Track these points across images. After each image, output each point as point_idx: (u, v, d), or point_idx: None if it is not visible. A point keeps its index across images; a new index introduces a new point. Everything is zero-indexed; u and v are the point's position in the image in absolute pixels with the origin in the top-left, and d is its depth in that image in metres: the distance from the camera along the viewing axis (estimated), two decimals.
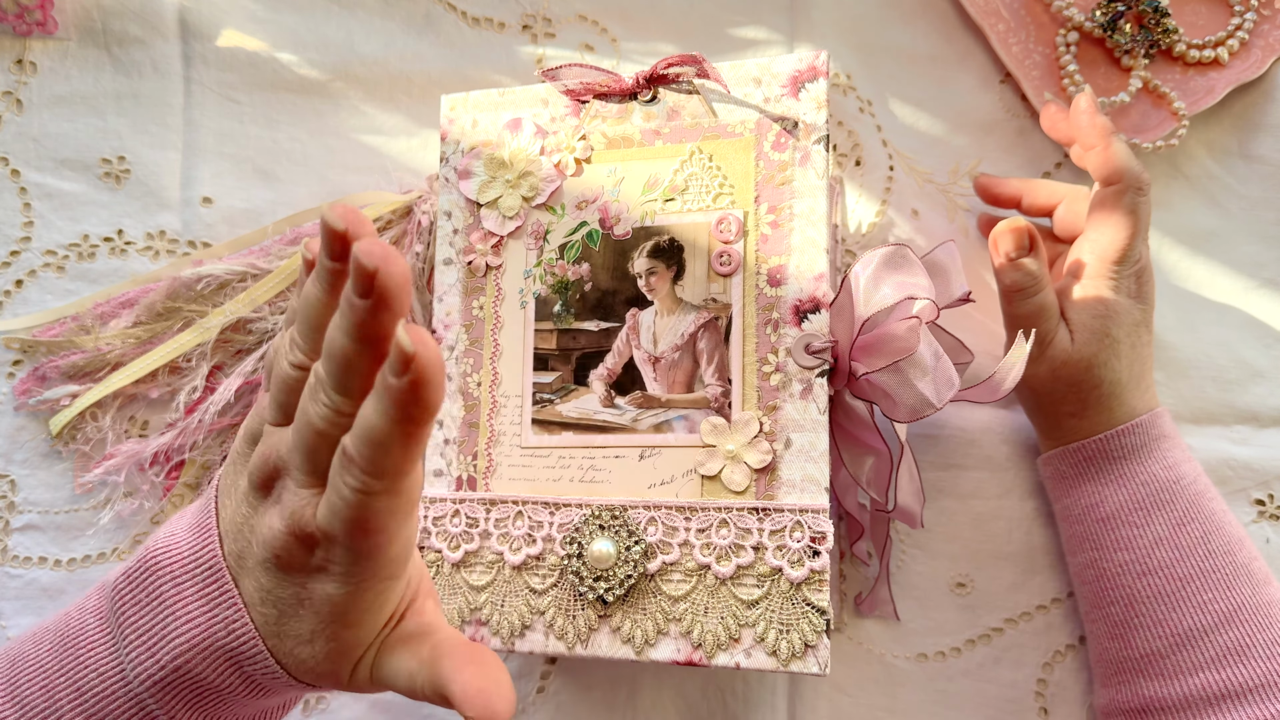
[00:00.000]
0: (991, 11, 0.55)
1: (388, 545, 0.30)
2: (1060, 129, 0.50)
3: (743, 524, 0.41)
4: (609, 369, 0.45)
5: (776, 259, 0.43)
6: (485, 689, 0.31)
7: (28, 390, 0.54)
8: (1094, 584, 0.47)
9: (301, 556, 0.31)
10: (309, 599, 0.32)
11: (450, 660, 0.32)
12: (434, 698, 0.32)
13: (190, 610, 0.33)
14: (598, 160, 0.46)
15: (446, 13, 0.58)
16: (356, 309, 0.27)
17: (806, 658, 0.39)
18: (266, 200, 0.57)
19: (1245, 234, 0.55)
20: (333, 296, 0.30)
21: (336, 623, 0.32)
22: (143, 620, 0.34)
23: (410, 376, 0.26)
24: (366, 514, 0.29)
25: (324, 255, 0.30)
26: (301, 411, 0.30)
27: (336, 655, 0.33)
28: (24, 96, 0.57)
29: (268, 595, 0.32)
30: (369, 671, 0.34)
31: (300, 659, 0.33)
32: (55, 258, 0.56)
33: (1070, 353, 0.46)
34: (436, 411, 0.28)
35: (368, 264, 0.26)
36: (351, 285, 0.27)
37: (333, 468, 0.29)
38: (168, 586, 0.33)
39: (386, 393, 0.27)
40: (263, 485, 0.32)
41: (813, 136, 0.43)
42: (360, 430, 0.28)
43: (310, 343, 0.31)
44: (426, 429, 0.28)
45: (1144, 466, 0.46)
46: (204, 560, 0.33)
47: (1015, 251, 0.46)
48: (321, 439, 0.30)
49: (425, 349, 0.26)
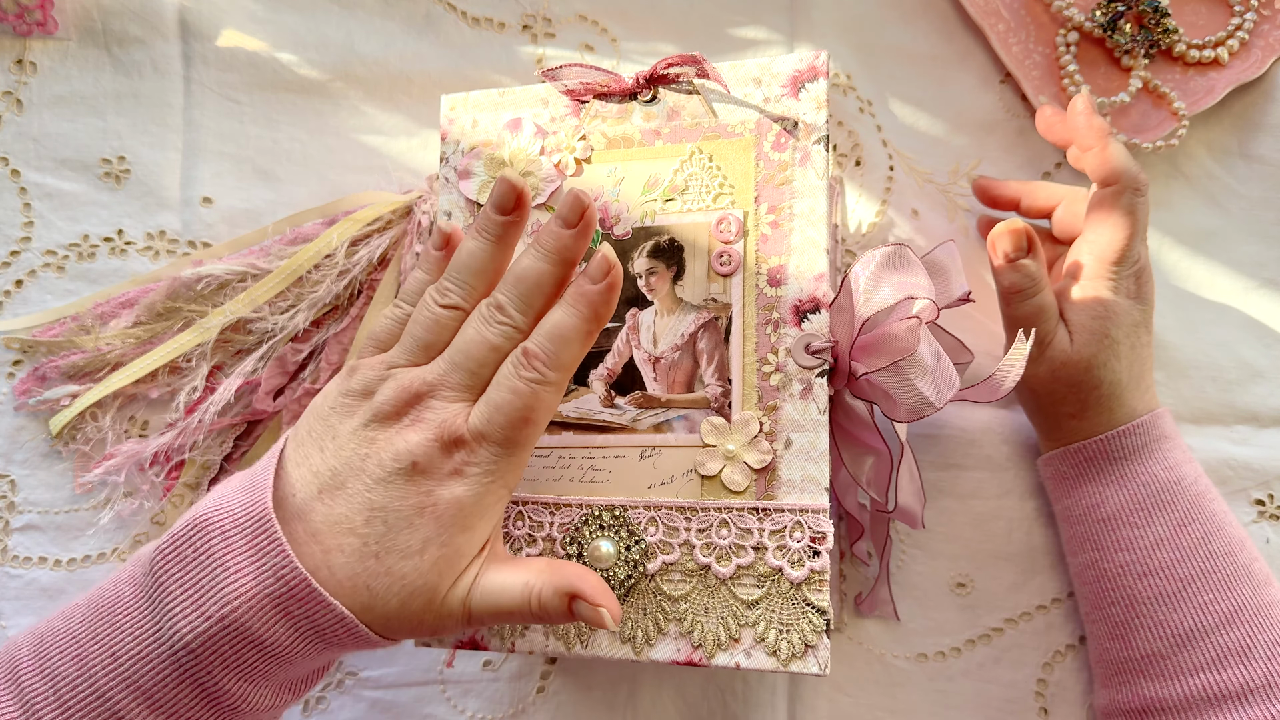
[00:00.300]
0: (991, 11, 0.55)
1: (532, 442, 0.36)
2: (1056, 131, 0.50)
3: (743, 524, 0.41)
4: (609, 369, 0.45)
5: (776, 259, 0.43)
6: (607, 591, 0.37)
7: (28, 390, 0.54)
8: (1095, 585, 0.47)
9: (441, 461, 0.35)
10: (432, 506, 0.35)
11: (572, 569, 0.37)
12: (554, 600, 0.36)
13: (240, 561, 0.34)
14: (598, 160, 0.46)
15: (446, 13, 0.58)
16: (563, 237, 0.36)
17: (806, 658, 0.39)
18: (266, 200, 0.57)
19: (1245, 234, 0.55)
20: (498, 247, 0.38)
21: (455, 525, 0.35)
22: (189, 576, 0.34)
23: (609, 280, 0.36)
24: (535, 404, 0.35)
25: (497, 212, 0.37)
26: (470, 338, 0.36)
27: (445, 563, 0.35)
28: (24, 96, 0.57)
29: (376, 513, 0.35)
30: (467, 590, 0.36)
31: (399, 575, 0.35)
32: (55, 258, 0.56)
33: (1069, 353, 0.46)
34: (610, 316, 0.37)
35: (584, 200, 0.36)
36: (560, 219, 0.36)
37: (503, 371, 0.36)
38: (217, 541, 0.34)
39: (583, 296, 0.36)
40: (394, 415, 0.36)
41: (813, 136, 0.43)
42: (548, 329, 0.36)
43: (468, 288, 0.37)
44: (599, 331, 0.37)
45: (1145, 467, 0.46)
46: (255, 514, 0.34)
47: (1014, 252, 0.46)
48: (494, 354, 0.36)
49: (617, 265, 0.36)
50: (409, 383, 0.36)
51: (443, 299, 0.37)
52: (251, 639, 0.34)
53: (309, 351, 0.54)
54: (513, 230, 0.38)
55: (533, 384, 0.35)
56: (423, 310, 0.38)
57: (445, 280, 0.38)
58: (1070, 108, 0.48)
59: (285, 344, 0.53)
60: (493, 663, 0.54)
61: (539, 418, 0.36)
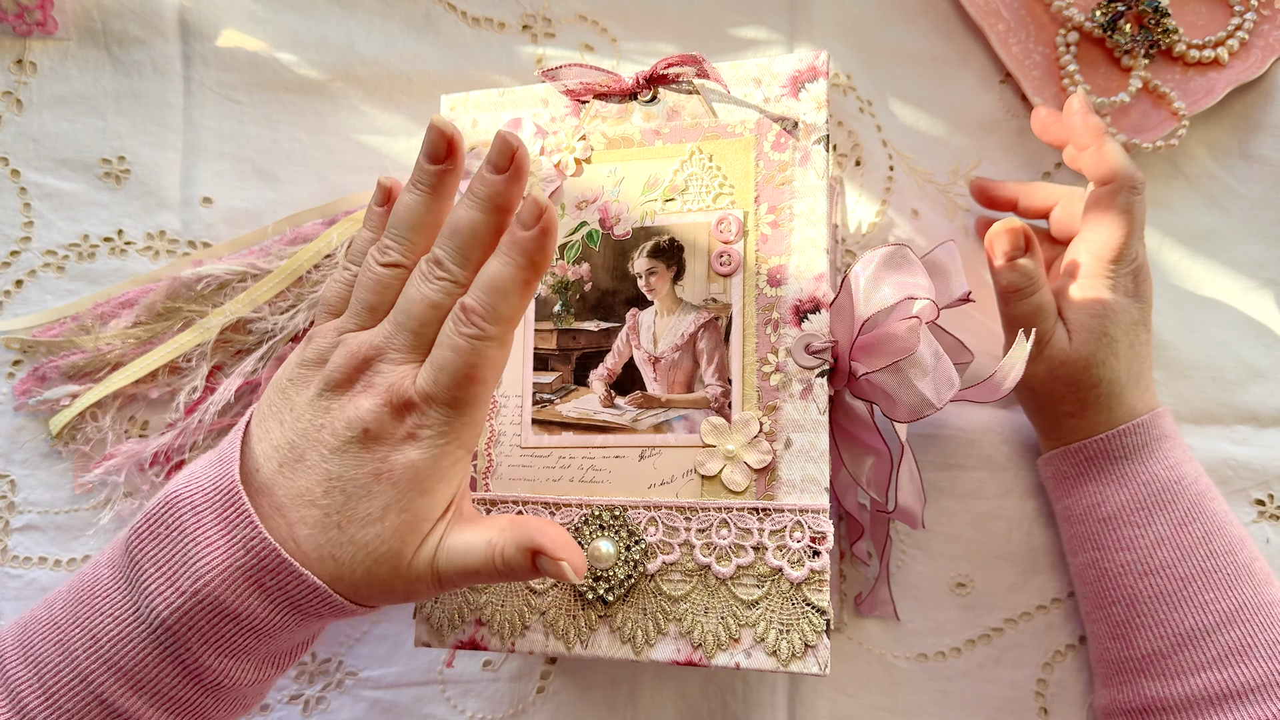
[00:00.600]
0: (991, 11, 0.55)
1: (482, 399, 0.35)
2: (1051, 132, 0.50)
3: (743, 524, 0.41)
4: (609, 369, 0.45)
5: (776, 259, 0.43)
6: (570, 543, 0.35)
7: (28, 390, 0.54)
8: (1095, 584, 0.47)
9: (392, 426, 0.34)
10: (388, 471, 0.34)
11: (533, 523, 0.36)
12: (517, 556, 0.35)
13: (210, 535, 0.34)
14: (598, 160, 0.46)
15: (446, 13, 0.58)
16: (493, 182, 0.34)
17: (806, 658, 0.39)
18: (266, 200, 0.57)
19: (1245, 234, 0.55)
20: (434, 198, 0.36)
21: (413, 489, 0.34)
22: (162, 553, 0.34)
23: (541, 224, 0.33)
24: (477, 361, 0.34)
25: (429, 161, 0.36)
26: (411, 297, 0.35)
27: (405, 529, 0.35)
28: (24, 96, 0.57)
29: (335, 483, 0.34)
30: (433, 553, 0.35)
31: (362, 543, 0.34)
32: (55, 258, 0.56)
33: (1068, 352, 0.46)
34: (549, 264, 0.35)
35: (512, 142, 0.34)
36: (489, 164, 0.34)
37: (445, 328, 0.34)
38: (188, 516, 0.34)
39: (516, 244, 0.34)
40: (345, 382, 0.35)
41: (813, 136, 0.43)
42: (484, 282, 0.34)
43: (407, 244, 0.36)
44: (539, 279, 0.35)
45: (1145, 467, 0.46)
46: (223, 487, 0.34)
47: (1011, 252, 0.46)
48: (435, 312, 0.35)
49: (550, 206, 0.34)
50: (356, 348, 0.35)
51: (383, 257, 0.36)
52: (227, 613, 0.33)
53: None
54: (447, 179, 0.36)
55: (473, 340, 0.34)
56: (365, 271, 0.36)
57: (385, 238, 0.36)
58: (1066, 107, 0.48)
59: (285, 344, 0.53)
60: (493, 663, 0.54)
61: (484, 374, 0.34)
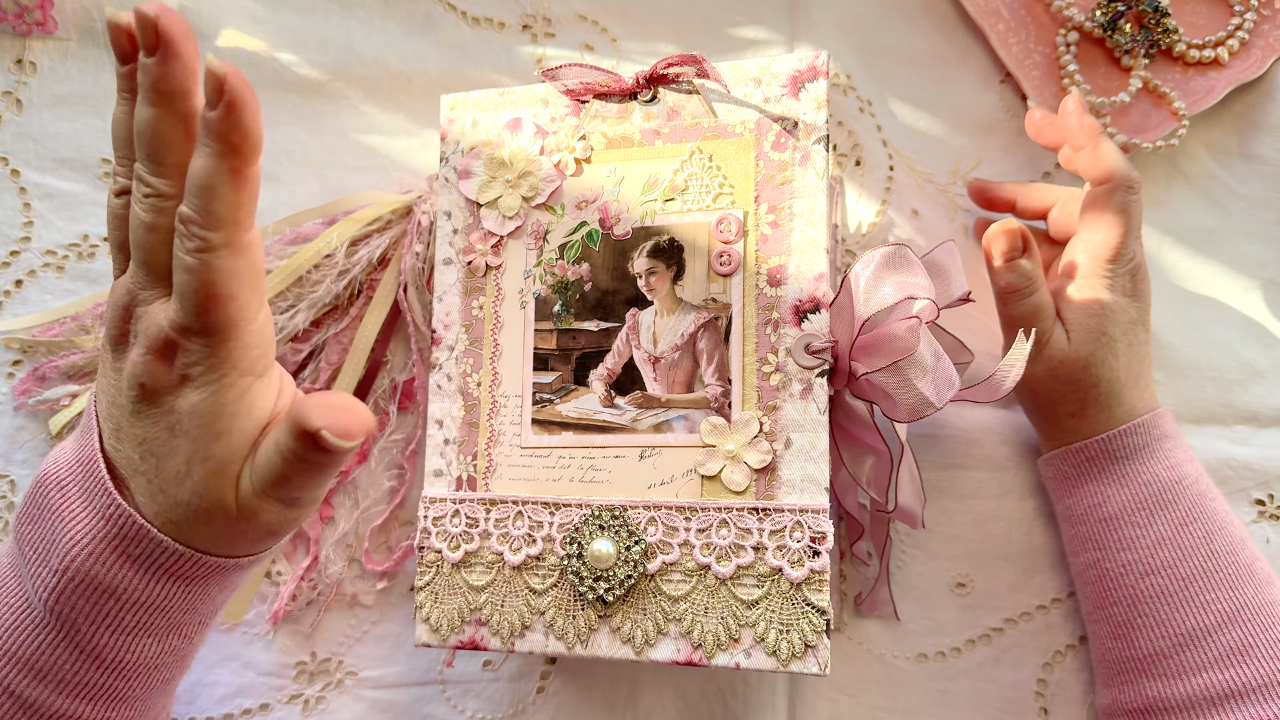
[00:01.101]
0: (991, 11, 0.55)
1: (239, 317, 0.31)
2: (1046, 134, 0.50)
3: (743, 524, 0.41)
4: (609, 369, 0.45)
5: (776, 259, 0.43)
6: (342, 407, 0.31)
7: (27, 390, 0.54)
8: (1096, 584, 0.47)
9: (164, 373, 0.32)
10: (179, 423, 0.32)
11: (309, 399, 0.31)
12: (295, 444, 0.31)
13: (75, 509, 0.33)
14: (598, 160, 0.46)
15: (446, 13, 0.58)
16: (149, 68, 0.29)
17: (806, 658, 0.39)
18: (266, 200, 0.56)
19: (1245, 234, 0.55)
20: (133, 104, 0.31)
21: (207, 436, 0.32)
22: (37, 535, 0.33)
23: (226, 99, 0.28)
24: (212, 277, 0.30)
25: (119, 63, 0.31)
26: (134, 225, 0.31)
27: (213, 477, 0.32)
28: (24, 96, 0.57)
29: (145, 448, 0.32)
30: (250, 485, 0.33)
31: (183, 502, 0.32)
32: (55, 258, 0.56)
33: (1067, 352, 0.46)
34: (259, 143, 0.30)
35: (149, 12, 0.29)
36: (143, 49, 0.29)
37: (174, 248, 0.30)
38: (54, 493, 0.33)
39: (208, 131, 0.29)
40: (119, 337, 0.33)
41: (813, 136, 0.43)
42: (191, 184, 0.30)
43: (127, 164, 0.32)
44: (252, 164, 0.30)
45: (1146, 467, 0.46)
46: (83, 458, 0.33)
47: (1009, 252, 0.46)
48: (154, 234, 0.31)
49: (235, 73, 0.28)
50: (117, 296, 0.33)
51: (114, 186, 0.33)
52: (102, 588, 0.32)
53: (309, 351, 0.54)
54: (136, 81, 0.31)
55: (198, 254, 0.30)
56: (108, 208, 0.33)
57: (114, 165, 0.33)
58: (1061, 108, 0.48)
59: (285, 344, 0.53)
60: (493, 663, 0.54)
61: (227, 289, 0.30)
